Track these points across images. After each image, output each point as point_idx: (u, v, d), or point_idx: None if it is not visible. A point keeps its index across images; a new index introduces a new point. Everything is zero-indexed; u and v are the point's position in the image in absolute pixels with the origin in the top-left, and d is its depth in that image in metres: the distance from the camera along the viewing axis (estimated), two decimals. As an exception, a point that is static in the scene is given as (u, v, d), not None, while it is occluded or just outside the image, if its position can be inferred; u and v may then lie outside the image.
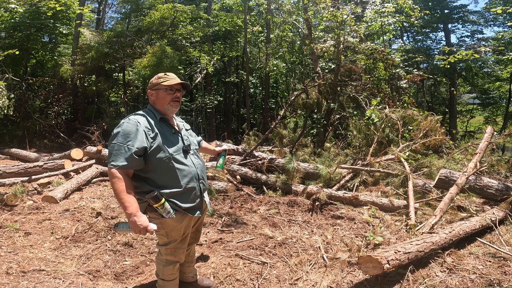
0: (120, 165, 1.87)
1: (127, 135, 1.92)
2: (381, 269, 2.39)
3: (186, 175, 2.08)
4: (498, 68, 15.95)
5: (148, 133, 1.98)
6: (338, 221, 3.94)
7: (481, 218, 3.44)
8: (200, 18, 12.87)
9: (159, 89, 2.13)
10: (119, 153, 1.89)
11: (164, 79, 2.14)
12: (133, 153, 1.88)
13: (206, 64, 11.65)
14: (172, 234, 2.11)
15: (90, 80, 12.59)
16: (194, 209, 2.15)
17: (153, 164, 1.99)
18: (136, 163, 1.93)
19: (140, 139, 1.93)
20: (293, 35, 12.71)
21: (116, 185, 1.86)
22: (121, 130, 1.95)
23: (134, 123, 1.97)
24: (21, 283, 2.66)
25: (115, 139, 1.93)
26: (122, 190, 1.86)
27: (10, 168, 6.01)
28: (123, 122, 2.00)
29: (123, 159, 1.88)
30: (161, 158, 2.00)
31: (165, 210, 1.95)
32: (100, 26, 18.30)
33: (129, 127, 1.95)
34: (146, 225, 1.87)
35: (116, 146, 1.91)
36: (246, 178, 5.59)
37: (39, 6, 9.59)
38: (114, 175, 1.87)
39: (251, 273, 2.82)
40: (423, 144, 5.61)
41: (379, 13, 8.25)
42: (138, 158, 1.92)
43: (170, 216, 1.98)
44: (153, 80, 2.18)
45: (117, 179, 1.86)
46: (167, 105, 2.13)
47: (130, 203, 1.86)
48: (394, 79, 7.55)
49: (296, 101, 7.31)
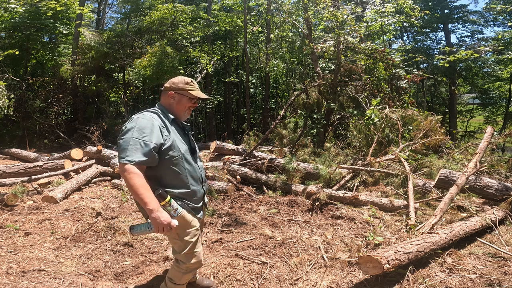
0: (137, 161, 1.82)
1: (143, 130, 1.87)
2: (381, 269, 2.39)
3: (193, 176, 2.09)
4: (498, 68, 15.93)
5: (162, 130, 1.95)
6: (338, 221, 3.94)
7: (481, 218, 3.44)
8: (200, 18, 12.87)
9: (184, 96, 2.12)
10: (135, 148, 1.83)
11: (192, 88, 2.13)
12: (152, 148, 1.85)
13: (206, 64, 11.65)
14: (183, 234, 2.06)
15: (90, 80, 12.59)
16: (198, 210, 2.16)
17: (164, 162, 1.96)
18: (154, 159, 1.89)
19: (157, 135, 1.90)
20: (293, 35, 12.69)
21: (134, 181, 1.80)
22: (136, 125, 1.90)
23: (149, 118, 1.94)
24: (21, 283, 2.66)
25: (129, 133, 1.88)
26: (141, 185, 1.80)
27: (10, 168, 6.01)
28: (137, 117, 1.95)
29: (140, 154, 1.82)
30: (172, 157, 1.98)
31: (172, 208, 1.90)
32: (100, 26, 18.29)
33: (144, 122, 1.91)
34: (169, 220, 1.83)
35: (132, 141, 1.85)
36: (246, 178, 5.59)
37: (39, 6, 9.58)
38: (130, 171, 1.80)
39: (251, 273, 2.82)
40: (423, 144, 5.61)
41: (379, 13, 8.24)
42: (155, 154, 1.88)
43: (178, 214, 1.94)
44: (178, 83, 2.12)
45: (134, 175, 1.80)
46: (184, 112, 2.14)
47: (150, 198, 1.81)
48: (394, 79, 7.55)
49: (296, 101, 7.31)
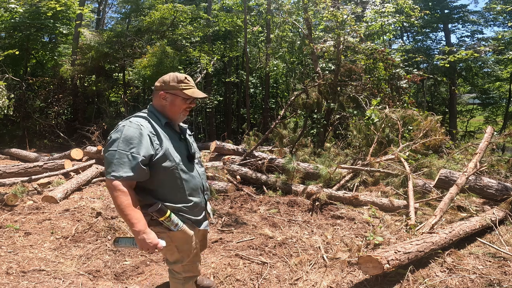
0: (124, 176, 1.62)
1: (130, 140, 1.67)
2: (381, 269, 2.39)
3: (192, 187, 1.88)
4: (498, 68, 15.93)
5: (153, 139, 1.73)
6: (338, 221, 3.94)
7: (481, 218, 3.44)
8: (200, 18, 12.86)
9: (177, 96, 1.85)
10: (122, 162, 1.64)
11: (186, 86, 1.85)
12: (140, 162, 1.65)
13: (206, 64, 11.64)
14: (184, 248, 1.91)
15: (90, 80, 12.60)
16: (200, 222, 1.99)
17: (157, 174, 1.76)
18: (143, 174, 1.69)
19: (146, 146, 1.69)
20: (293, 35, 12.69)
21: (120, 200, 1.63)
22: (122, 135, 1.68)
23: (136, 126, 1.71)
24: (21, 283, 2.66)
25: (114, 145, 1.67)
26: (128, 205, 1.63)
27: (10, 168, 6.02)
28: (123, 126, 1.72)
29: (127, 169, 1.63)
30: (167, 168, 1.77)
31: (173, 223, 1.75)
32: (100, 26, 18.29)
33: (131, 131, 1.69)
34: (156, 242, 1.69)
35: (117, 154, 1.65)
36: (246, 178, 5.59)
37: (39, 6, 9.58)
38: (116, 188, 1.62)
39: (251, 273, 2.82)
40: (423, 144, 5.61)
41: (379, 13, 8.24)
42: (144, 168, 1.68)
43: (179, 229, 1.78)
44: (169, 81, 1.85)
45: (120, 193, 1.62)
46: (179, 114, 1.89)
47: (137, 219, 1.65)
48: (394, 79, 7.55)
49: (296, 101, 7.31)
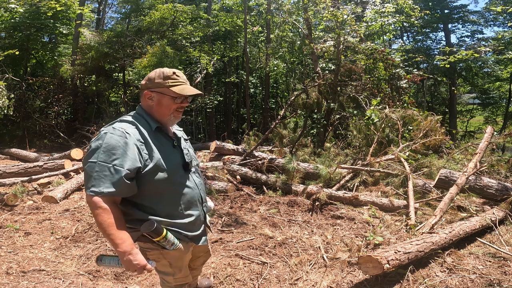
0: (105, 192, 1.40)
1: (112, 150, 1.42)
2: (381, 269, 2.39)
3: (189, 199, 1.66)
4: (498, 68, 15.94)
5: (141, 148, 1.49)
6: (338, 221, 3.94)
7: (481, 218, 3.44)
8: (200, 18, 12.86)
9: (164, 94, 1.58)
10: (102, 175, 1.40)
11: (174, 82, 1.58)
12: (124, 176, 1.41)
13: (206, 64, 11.64)
14: (177, 264, 1.73)
15: (90, 80, 12.61)
16: (199, 237, 1.76)
17: (148, 187, 1.53)
18: (127, 189, 1.46)
19: (132, 157, 1.44)
20: (293, 35, 12.70)
21: (101, 218, 1.40)
22: (103, 143, 1.43)
23: (121, 134, 1.46)
24: (21, 283, 2.66)
25: (94, 156, 1.43)
26: (110, 224, 1.40)
27: (10, 168, 6.02)
28: (104, 133, 1.47)
29: (109, 184, 1.40)
30: (158, 180, 1.54)
31: (168, 242, 1.54)
32: (100, 26, 18.29)
33: (114, 139, 1.44)
34: (143, 264, 1.48)
35: (98, 166, 1.41)
36: (246, 178, 5.59)
37: (39, 6, 9.59)
38: (97, 205, 1.40)
39: (251, 273, 2.82)
40: (423, 144, 5.61)
41: (379, 13, 8.24)
42: (129, 183, 1.44)
43: (175, 248, 1.57)
44: (154, 77, 1.58)
45: (101, 210, 1.40)
46: (169, 116, 1.62)
47: (122, 240, 1.42)
48: (394, 79, 7.56)
49: (296, 101, 7.31)
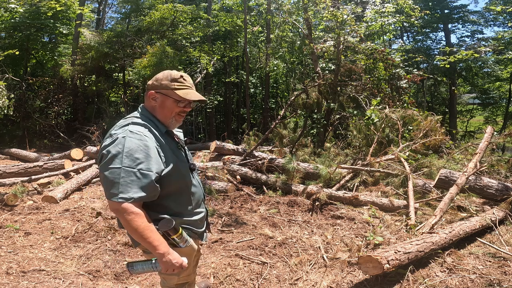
0: (136, 198, 1.42)
1: (135, 155, 1.43)
2: (381, 269, 2.39)
3: (198, 198, 1.74)
4: (498, 68, 15.94)
5: (159, 151, 1.52)
6: (338, 221, 3.94)
7: (481, 218, 3.44)
8: (200, 18, 12.87)
9: (169, 97, 1.58)
10: (129, 180, 1.41)
11: (180, 85, 1.58)
12: (154, 180, 1.45)
13: (206, 64, 11.65)
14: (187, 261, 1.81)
15: (90, 80, 12.62)
16: (203, 234, 1.85)
17: (165, 189, 1.56)
18: (156, 192, 1.49)
19: (156, 160, 1.47)
20: (293, 35, 12.69)
21: (136, 223, 1.42)
22: (124, 148, 1.43)
23: (140, 138, 1.47)
24: (21, 283, 2.67)
25: (117, 161, 1.42)
26: (146, 227, 1.44)
27: (10, 168, 6.02)
28: (123, 137, 1.46)
29: (137, 189, 1.42)
30: (176, 181, 1.59)
31: (183, 239, 1.60)
32: (100, 26, 18.29)
33: (134, 143, 1.45)
34: (181, 261, 1.54)
35: (124, 172, 1.41)
36: (246, 178, 5.59)
37: (39, 6, 9.60)
38: (129, 211, 1.42)
39: (251, 273, 2.82)
40: (423, 144, 5.61)
41: (379, 13, 8.24)
42: (157, 186, 1.48)
43: (188, 245, 1.64)
44: (162, 79, 1.59)
45: (134, 215, 1.42)
46: (172, 118, 1.62)
47: (159, 241, 1.48)
48: (394, 79, 7.56)
49: (296, 101, 7.31)
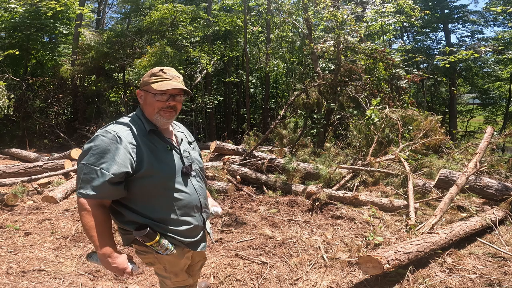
0: (89, 195, 1.41)
1: (102, 154, 1.43)
2: (381, 269, 2.39)
3: (185, 205, 1.62)
4: (498, 68, 15.95)
5: (133, 152, 1.49)
6: (338, 221, 3.94)
7: (481, 218, 3.44)
8: (200, 18, 12.87)
9: (148, 92, 1.58)
10: (89, 178, 1.42)
11: (157, 79, 1.57)
12: (108, 180, 1.41)
13: (206, 64, 11.65)
14: (172, 269, 1.72)
15: (90, 80, 12.63)
16: (197, 243, 1.70)
17: (140, 192, 1.52)
18: (111, 193, 1.45)
19: (120, 162, 1.44)
20: (293, 35, 12.69)
21: (85, 219, 1.42)
22: (94, 146, 1.45)
23: (112, 137, 1.46)
24: (21, 283, 2.67)
25: (85, 158, 1.44)
26: (91, 226, 1.42)
27: (10, 168, 6.02)
28: (97, 135, 1.49)
29: (93, 187, 1.42)
30: (150, 185, 1.53)
31: (162, 247, 1.52)
32: (100, 26, 18.31)
33: (105, 143, 1.45)
34: (123, 267, 1.49)
35: (86, 168, 1.43)
36: (246, 178, 5.59)
37: (39, 6, 9.60)
38: (82, 207, 1.42)
39: (251, 273, 2.82)
40: (423, 144, 5.61)
41: (379, 13, 8.25)
42: (114, 187, 1.44)
43: (169, 253, 1.55)
44: (145, 76, 1.63)
45: (85, 212, 1.42)
46: (156, 115, 1.59)
47: (101, 242, 1.44)
48: (394, 79, 7.56)
49: (296, 101, 7.32)
